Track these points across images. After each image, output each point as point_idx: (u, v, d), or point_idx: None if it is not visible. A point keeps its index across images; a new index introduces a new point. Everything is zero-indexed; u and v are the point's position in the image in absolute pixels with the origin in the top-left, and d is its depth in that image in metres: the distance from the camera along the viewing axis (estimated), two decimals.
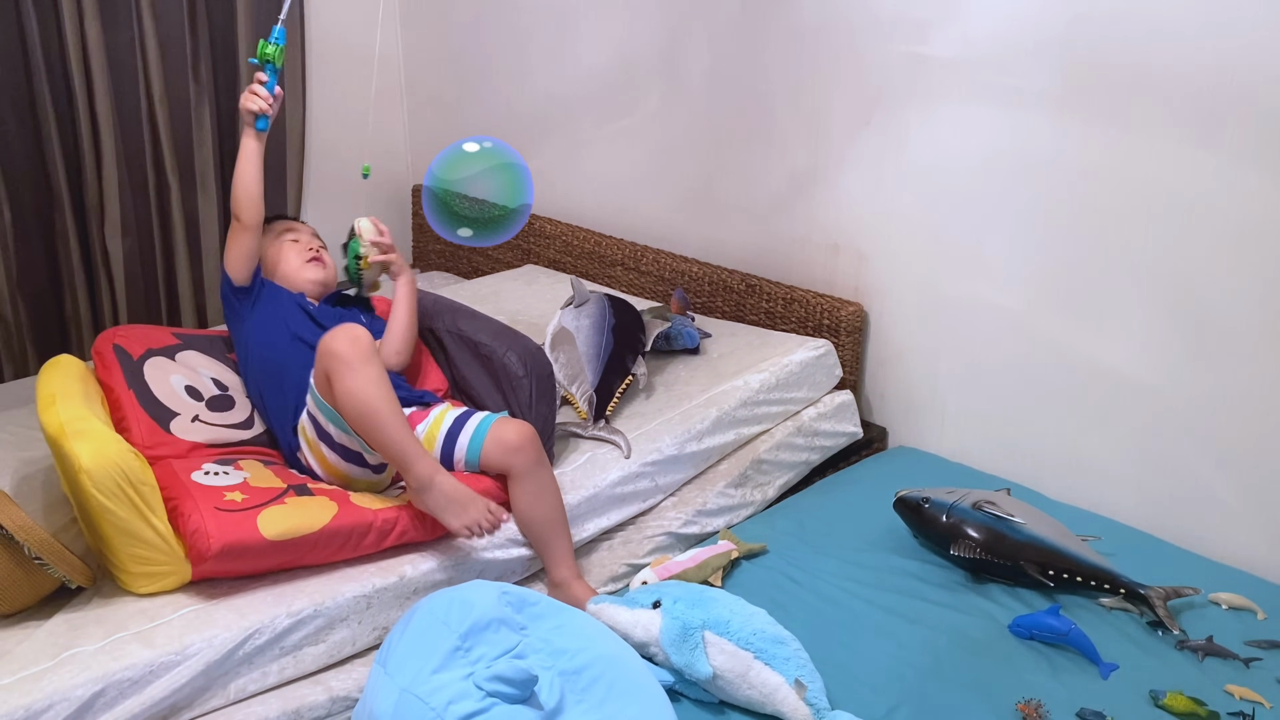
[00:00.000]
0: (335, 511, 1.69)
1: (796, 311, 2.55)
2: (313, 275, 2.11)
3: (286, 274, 2.09)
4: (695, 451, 2.13)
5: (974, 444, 2.37)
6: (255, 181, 1.96)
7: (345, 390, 1.68)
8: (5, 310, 2.76)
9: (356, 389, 1.68)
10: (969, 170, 2.23)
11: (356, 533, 1.70)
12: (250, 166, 1.95)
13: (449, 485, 1.72)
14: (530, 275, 3.02)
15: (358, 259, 2.13)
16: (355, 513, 1.72)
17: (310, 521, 1.65)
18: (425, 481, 1.71)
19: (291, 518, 1.65)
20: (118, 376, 1.85)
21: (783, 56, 2.50)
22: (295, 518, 1.65)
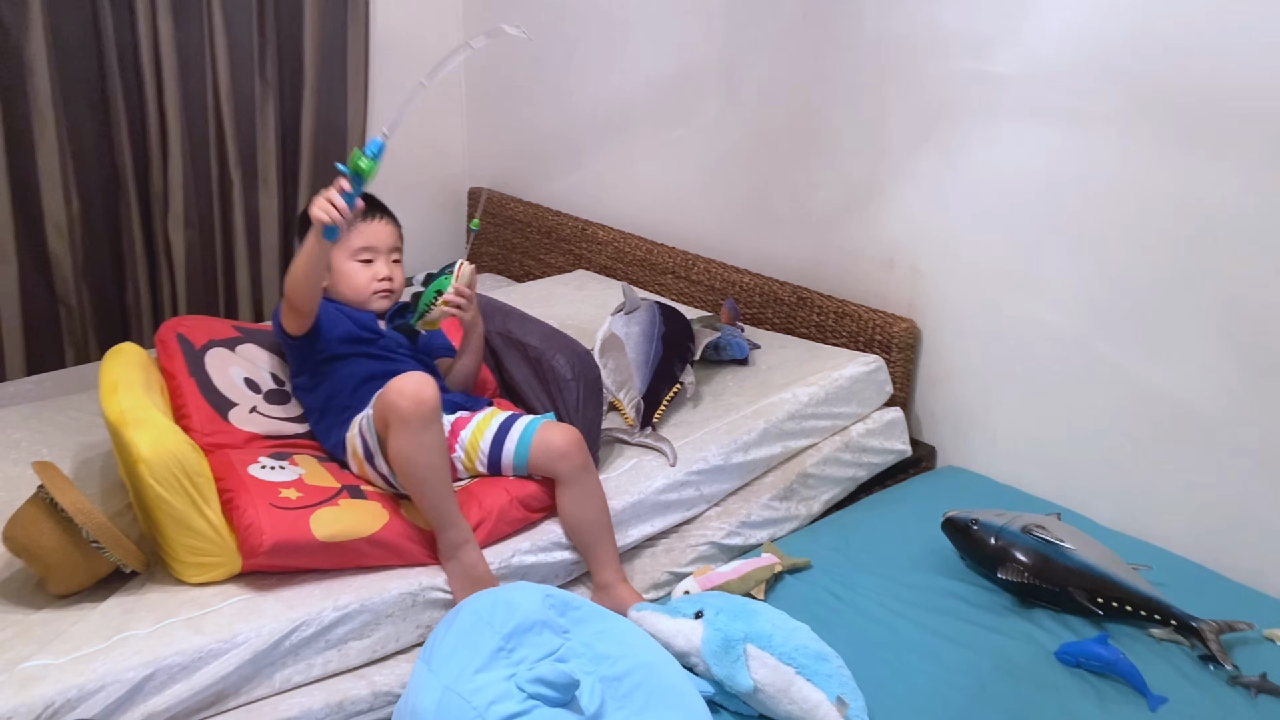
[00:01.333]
0: (386, 520, 1.71)
1: (848, 326, 2.54)
2: (378, 306, 2.01)
3: (349, 292, 1.99)
4: (741, 463, 2.13)
5: (1025, 467, 2.34)
6: (309, 278, 1.84)
7: (399, 450, 1.69)
8: (70, 297, 2.82)
9: (411, 454, 1.68)
10: (1029, 189, 2.21)
11: (405, 543, 1.72)
12: (308, 266, 1.83)
13: (471, 561, 1.72)
14: (581, 280, 3.03)
15: (437, 293, 1.95)
16: (405, 524, 1.74)
17: (361, 527, 1.67)
18: (451, 550, 1.72)
19: (343, 520, 1.67)
20: (180, 364, 1.89)
21: (842, 68, 2.49)
22: (347, 520, 1.67)
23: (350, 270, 1.97)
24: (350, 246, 1.95)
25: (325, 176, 3.18)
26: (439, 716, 1.28)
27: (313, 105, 3.13)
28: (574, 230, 3.19)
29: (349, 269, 1.97)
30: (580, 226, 3.17)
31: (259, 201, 3.11)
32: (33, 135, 2.65)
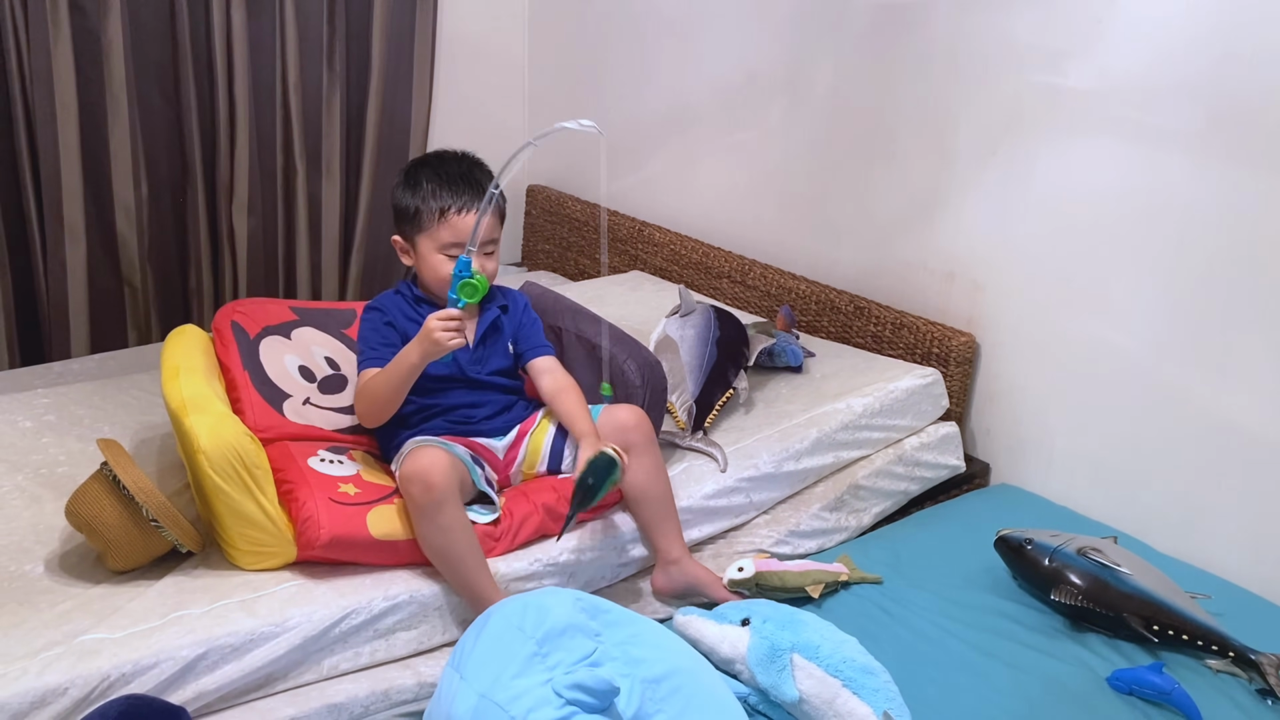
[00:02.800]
0: None
1: (905, 338, 2.51)
2: None
3: (432, 283, 1.88)
4: (792, 471, 2.11)
5: (1081, 488, 2.30)
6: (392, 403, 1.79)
7: (419, 534, 1.67)
8: (135, 278, 2.88)
9: (429, 538, 1.66)
10: (1098, 207, 2.17)
11: None
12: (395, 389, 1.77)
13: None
14: (635, 282, 3.03)
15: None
16: None
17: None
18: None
19: (398, 519, 1.68)
20: (234, 356, 1.91)
21: (910, 78, 2.46)
22: (401, 519, 1.68)
23: (436, 263, 1.86)
24: (439, 239, 1.85)
25: (387, 168, 3.21)
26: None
27: (378, 98, 3.16)
28: (630, 231, 3.19)
29: (435, 261, 1.86)
30: (637, 227, 3.17)
31: (322, 190, 3.14)
32: (106, 118, 2.71)
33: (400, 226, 1.91)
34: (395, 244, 1.92)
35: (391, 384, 1.77)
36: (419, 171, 1.89)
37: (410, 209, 1.87)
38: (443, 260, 1.85)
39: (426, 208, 1.85)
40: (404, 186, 1.90)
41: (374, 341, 1.85)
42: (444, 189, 1.86)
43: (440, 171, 1.88)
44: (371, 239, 3.27)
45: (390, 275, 3.34)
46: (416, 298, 1.92)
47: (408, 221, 1.88)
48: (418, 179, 1.88)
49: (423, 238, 1.86)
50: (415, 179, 1.88)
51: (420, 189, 1.86)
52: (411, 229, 1.88)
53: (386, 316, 1.88)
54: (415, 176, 1.89)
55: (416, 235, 1.87)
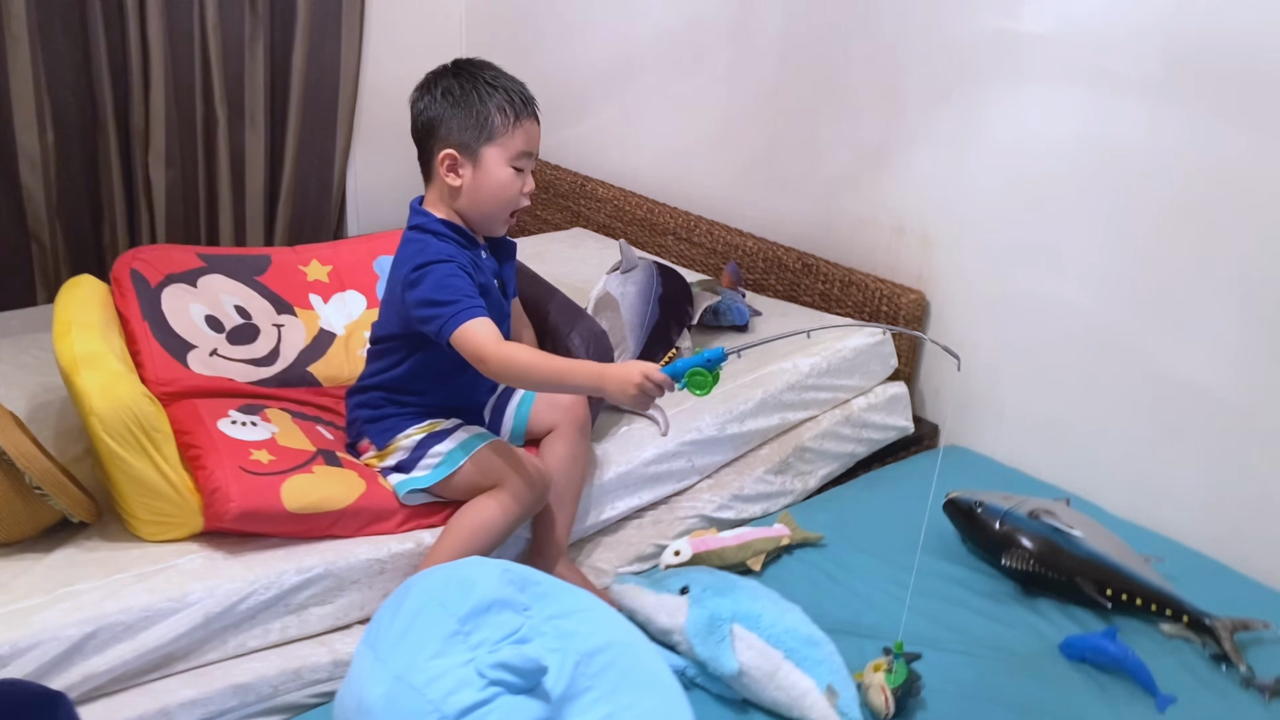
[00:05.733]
0: (362, 490, 1.61)
1: (854, 295, 2.42)
2: (503, 229, 1.79)
3: (491, 203, 1.69)
4: (736, 434, 2.02)
5: (1032, 449, 2.24)
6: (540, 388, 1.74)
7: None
8: (42, 232, 2.70)
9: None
10: (1052, 157, 2.09)
11: (379, 516, 1.62)
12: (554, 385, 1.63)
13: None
14: (578, 239, 2.91)
15: None
16: (382, 495, 1.63)
17: (335, 497, 1.57)
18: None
19: (317, 489, 1.56)
20: (133, 306, 1.76)
21: (862, 23, 2.36)
22: (320, 490, 1.56)
23: (506, 178, 1.67)
24: (511, 147, 1.66)
25: (314, 118, 3.06)
26: (390, 710, 1.17)
27: (304, 44, 2.98)
28: (572, 186, 3.07)
29: (504, 176, 1.67)
30: (579, 182, 3.05)
31: (245, 141, 2.98)
32: (5, 60, 2.52)
33: (452, 139, 1.65)
34: (445, 160, 1.66)
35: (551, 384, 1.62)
36: (471, 76, 1.67)
37: (476, 116, 1.64)
38: (511, 175, 1.67)
39: (500, 111, 1.64)
40: (456, 93, 1.66)
41: (468, 289, 1.60)
42: (514, 91, 1.68)
43: (498, 74, 1.69)
44: (299, 191, 3.11)
45: (319, 230, 3.19)
46: (466, 238, 1.69)
47: (469, 131, 1.64)
48: (475, 82, 1.66)
49: (492, 148, 1.65)
50: (470, 83, 1.66)
51: (482, 92, 1.65)
52: (476, 138, 1.64)
53: (462, 266, 1.63)
54: (470, 82, 1.66)
55: (484, 146, 1.65)
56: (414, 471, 1.67)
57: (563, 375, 1.58)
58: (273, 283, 1.93)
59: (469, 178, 1.68)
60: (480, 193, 1.69)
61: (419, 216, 1.72)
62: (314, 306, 1.95)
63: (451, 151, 1.67)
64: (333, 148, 3.16)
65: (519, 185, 1.71)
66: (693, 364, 1.52)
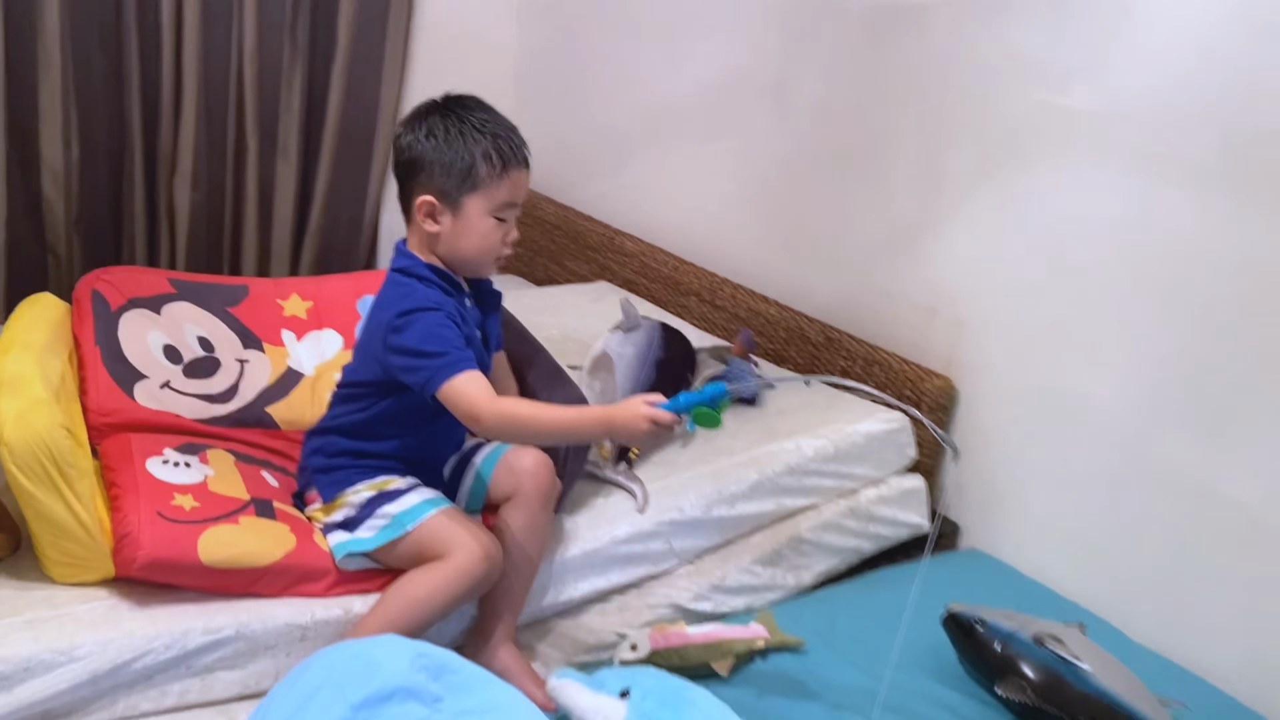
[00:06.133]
0: (291, 547, 1.49)
1: (877, 375, 2.25)
2: (491, 273, 1.68)
3: (471, 252, 1.58)
4: (724, 517, 1.86)
5: (1056, 560, 2.03)
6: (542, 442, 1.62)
7: None
8: (59, 246, 2.68)
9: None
10: (1095, 243, 1.91)
11: (308, 576, 1.49)
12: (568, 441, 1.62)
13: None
14: (600, 293, 2.79)
15: None
16: (314, 553, 1.51)
17: (258, 553, 1.45)
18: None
19: (239, 544, 1.44)
20: (88, 329, 1.68)
21: (903, 90, 2.22)
22: (243, 544, 1.45)
23: (487, 229, 1.56)
24: (495, 198, 1.55)
25: (349, 153, 3.01)
26: None
27: (343, 77, 2.94)
28: (601, 239, 2.96)
29: (485, 227, 1.56)
30: (608, 236, 2.94)
31: (276, 171, 2.93)
32: (36, 72, 2.51)
33: (433, 185, 1.54)
34: (424, 207, 1.55)
35: (558, 435, 1.54)
36: (460, 118, 1.54)
37: (460, 162, 1.52)
38: (493, 225, 1.56)
39: (485, 159, 1.53)
40: (440, 135, 1.53)
41: (457, 340, 1.50)
42: (503, 138, 1.55)
43: (488, 117, 1.56)
44: (329, 225, 3.06)
45: (347, 266, 3.13)
46: (452, 284, 1.59)
47: (452, 177, 1.53)
48: (463, 125, 1.53)
49: (475, 198, 1.54)
50: (458, 125, 1.53)
51: (469, 137, 1.53)
52: (458, 186, 1.53)
53: (449, 313, 1.53)
54: (457, 124, 1.53)
55: (467, 194, 1.54)
56: (357, 531, 1.55)
57: (569, 425, 1.49)
58: (245, 315, 1.84)
59: (448, 226, 1.57)
60: (459, 241, 1.58)
61: (404, 259, 1.62)
62: (285, 343, 1.85)
63: (429, 199, 1.56)
64: (366, 184, 3.10)
65: (500, 235, 1.60)
66: (695, 401, 1.42)
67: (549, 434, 1.52)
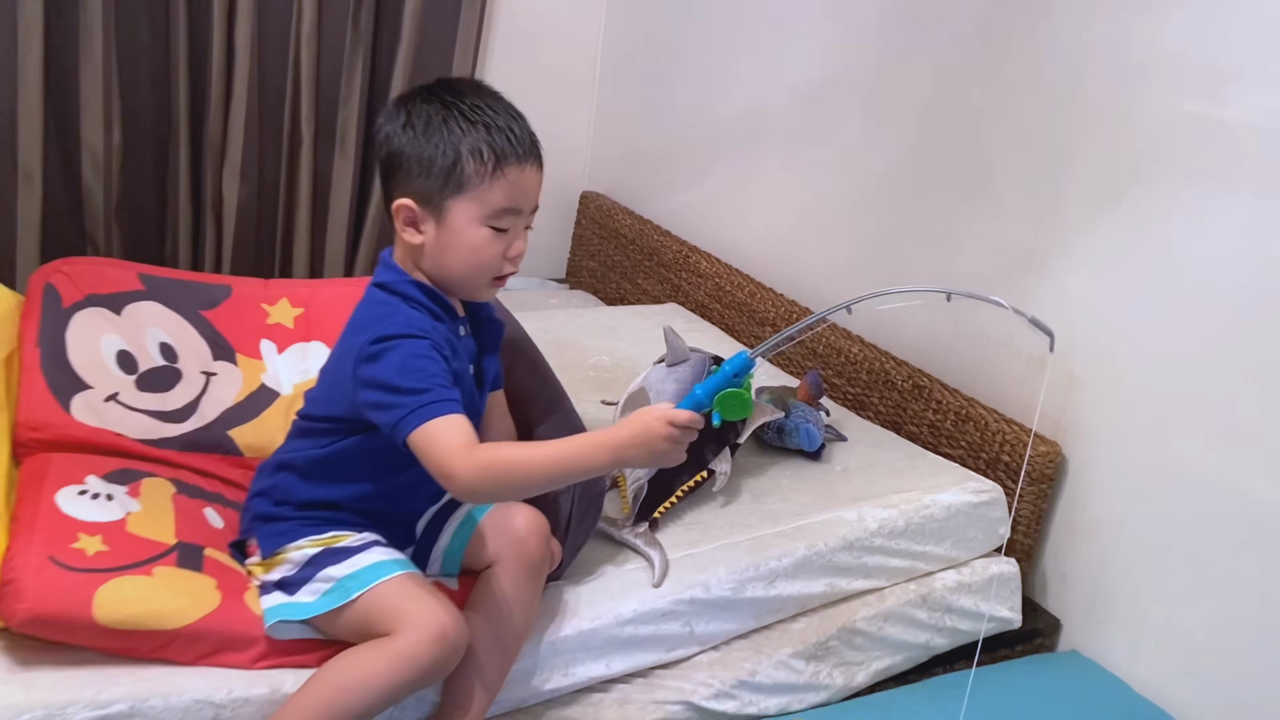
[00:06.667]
0: (213, 608, 1.23)
1: (970, 434, 1.90)
2: (488, 295, 1.38)
3: (461, 269, 1.30)
4: (760, 599, 1.54)
5: (1179, 679, 1.65)
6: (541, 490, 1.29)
7: None
8: (99, 235, 2.52)
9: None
10: (1252, 291, 1.53)
11: (231, 643, 1.23)
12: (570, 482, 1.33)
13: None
14: (668, 316, 2.49)
15: None
16: (240, 616, 1.25)
17: (168, 613, 1.19)
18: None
19: (145, 600, 1.19)
20: (32, 328, 1.46)
21: (1021, 95, 1.87)
22: (150, 601, 1.19)
23: (478, 240, 1.28)
24: (488, 203, 1.26)
25: None
26: None
27: (408, 66, 2.73)
28: (676, 256, 2.66)
29: (476, 239, 1.27)
30: (684, 253, 2.64)
31: (332, 166, 2.73)
32: (77, 51, 2.36)
33: (411, 186, 1.27)
34: (402, 213, 1.29)
35: (556, 476, 1.21)
36: (445, 104, 1.27)
37: (442, 158, 1.25)
38: (488, 236, 1.28)
39: (474, 155, 1.25)
40: (420, 124, 1.27)
41: (440, 375, 1.23)
42: (499, 128, 1.26)
43: (481, 105, 1.27)
44: (387, 226, 2.83)
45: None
46: (443, 306, 1.32)
47: (433, 177, 1.26)
48: (449, 112, 1.26)
49: (462, 201, 1.26)
50: (444, 112, 1.26)
51: (455, 127, 1.26)
52: (442, 188, 1.26)
53: (434, 346, 1.25)
54: (441, 111, 1.26)
55: (450, 198, 1.26)
56: (297, 595, 1.28)
57: (567, 460, 1.19)
58: (221, 320, 1.61)
59: (431, 236, 1.29)
60: (446, 256, 1.30)
61: (387, 272, 1.34)
62: (263, 356, 1.62)
63: (408, 203, 1.29)
64: None
65: (498, 249, 1.30)
66: (717, 385, 1.17)
67: (542, 478, 1.21)
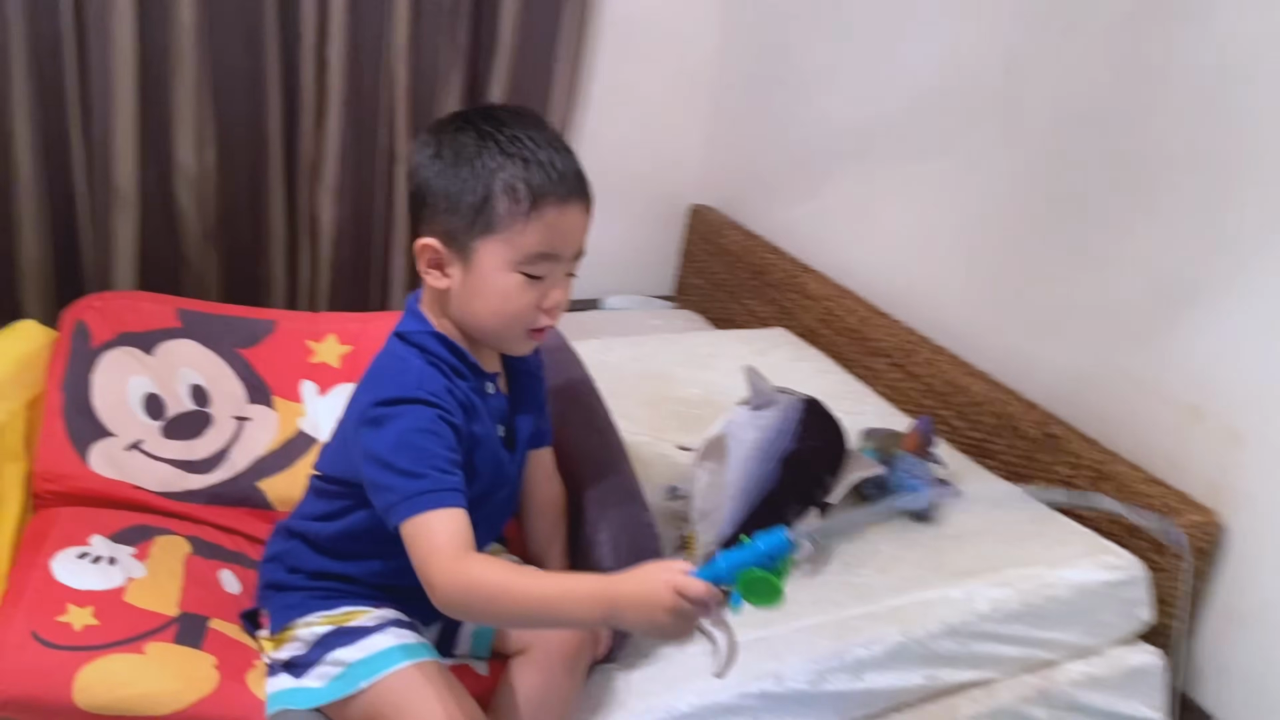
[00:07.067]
0: (209, 691, 1.11)
1: (1106, 493, 1.63)
2: (523, 349, 1.22)
3: (490, 320, 1.15)
4: (843, 692, 1.32)
5: None
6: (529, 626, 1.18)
7: None
8: (194, 258, 2.49)
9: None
10: None
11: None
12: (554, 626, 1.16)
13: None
14: (772, 343, 2.29)
15: None
16: (241, 701, 1.13)
17: (157, 697, 1.09)
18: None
19: (132, 683, 1.08)
20: (58, 370, 1.38)
21: (1176, 100, 1.59)
22: (138, 684, 1.08)
23: (508, 287, 1.12)
24: (521, 247, 1.11)
25: None
26: None
27: (507, 80, 2.59)
28: (785, 276, 2.45)
29: (506, 286, 1.12)
30: (793, 273, 2.43)
31: None
32: (170, 67, 2.32)
33: (438, 223, 1.13)
34: (425, 253, 1.15)
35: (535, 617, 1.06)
36: (481, 134, 1.12)
37: (471, 194, 1.10)
38: (520, 284, 1.12)
39: (508, 193, 1.10)
40: (450, 155, 1.12)
41: (442, 459, 1.08)
42: (539, 163, 1.11)
43: (521, 136, 1.12)
44: None
45: None
46: (467, 364, 1.18)
47: (460, 214, 1.11)
48: (484, 143, 1.11)
49: (491, 243, 1.11)
50: (479, 142, 1.11)
51: (489, 159, 1.10)
52: (469, 228, 1.11)
53: (445, 413, 1.11)
54: (475, 142, 1.11)
55: (479, 239, 1.11)
56: (304, 678, 1.15)
57: (555, 606, 1.03)
58: (260, 359, 1.50)
59: (458, 280, 1.14)
60: (474, 304, 1.15)
61: (410, 320, 1.20)
62: (302, 398, 1.50)
63: (432, 242, 1.14)
64: None
65: (532, 298, 1.14)
66: (743, 561, 0.96)
67: (523, 617, 1.06)
